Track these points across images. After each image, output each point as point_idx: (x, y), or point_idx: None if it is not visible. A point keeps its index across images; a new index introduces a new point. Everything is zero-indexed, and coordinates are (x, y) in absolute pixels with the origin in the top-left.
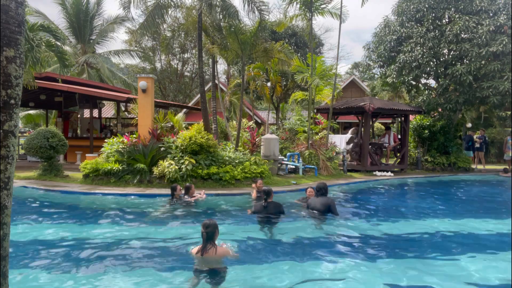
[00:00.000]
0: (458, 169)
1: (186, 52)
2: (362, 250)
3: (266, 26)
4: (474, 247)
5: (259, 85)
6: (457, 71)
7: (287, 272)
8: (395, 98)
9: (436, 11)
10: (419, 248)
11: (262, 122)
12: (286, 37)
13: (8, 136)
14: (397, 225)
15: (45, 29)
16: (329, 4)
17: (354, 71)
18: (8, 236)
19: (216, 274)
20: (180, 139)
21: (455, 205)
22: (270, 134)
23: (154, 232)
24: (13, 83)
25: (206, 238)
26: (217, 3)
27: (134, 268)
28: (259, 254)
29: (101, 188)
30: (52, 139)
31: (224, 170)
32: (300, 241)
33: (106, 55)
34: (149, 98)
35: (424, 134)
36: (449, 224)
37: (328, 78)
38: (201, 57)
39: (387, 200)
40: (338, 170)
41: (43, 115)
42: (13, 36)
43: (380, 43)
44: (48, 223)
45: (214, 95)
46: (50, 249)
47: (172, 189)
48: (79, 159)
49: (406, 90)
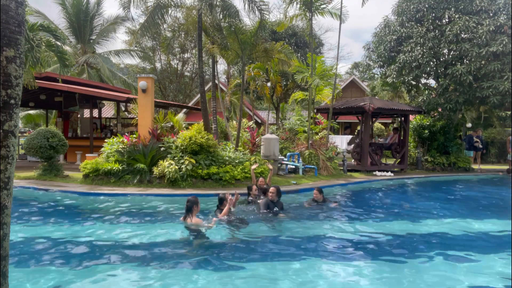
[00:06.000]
0: (458, 169)
1: (186, 52)
2: (362, 250)
3: (266, 26)
4: (474, 247)
5: (259, 85)
6: (457, 71)
7: (283, 272)
8: (395, 98)
9: (436, 11)
10: (419, 248)
11: (262, 122)
12: (286, 37)
13: (8, 136)
14: (397, 225)
15: (45, 29)
16: (329, 4)
17: (354, 71)
18: (8, 236)
19: (195, 234)
20: (180, 139)
21: (455, 204)
22: (270, 134)
23: (154, 231)
24: (13, 83)
25: (186, 209)
26: (218, 3)
27: (134, 268)
28: (257, 253)
29: (101, 188)
30: (52, 139)
31: (224, 170)
32: (299, 241)
33: (106, 55)
34: (149, 98)
35: (424, 134)
36: (449, 224)
37: (328, 78)
38: (201, 57)
39: (387, 200)
40: (338, 170)
41: (43, 115)
42: (13, 36)
43: (380, 43)
44: (48, 223)
45: (214, 95)
46: (50, 249)
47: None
48: (79, 159)
49: (406, 90)
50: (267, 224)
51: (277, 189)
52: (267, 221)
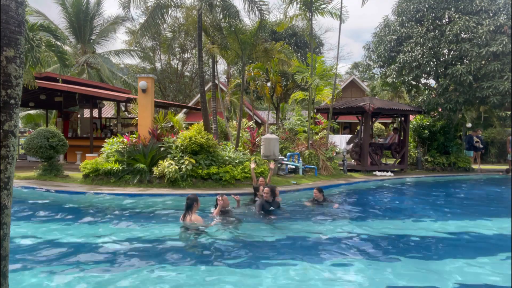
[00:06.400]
0: (458, 169)
1: (186, 52)
2: (361, 250)
3: (266, 26)
4: (474, 246)
5: (259, 85)
6: (457, 71)
7: (284, 271)
8: (395, 98)
9: (436, 11)
10: (419, 248)
11: (262, 122)
12: (286, 37)
13: (8, 136)
14: (396, 225)
15: (45, 29)
16: (329, 4)
17: (354, 71)
18: (8, 236)
19: (194, 234)
20: (180, 139)
21: (455, 204)
22: (270, 134)
23: (154, 231)
24: (13, 83)
25: (186, 207)
26: (218, 3)
27: (133, 268)
28: (257, 252)
29: (101, 188)
30: (52, 139)
31: (224, 170)
32: (299, 241)
33: (106, 55)
34: (149, 98)
35: (424, 134)
36: (449, 224)
37: (328, 78)
38: (201, 57)
39: (387, 200)
40: (338, 170)
41: (43, 115)
42: (13, 36)
43: (380, 43)
44: (48, 223)
45: (214, 95)
46: (50, 249)
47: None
48: (79, 159)
49: (406, 90)
50: (262, 224)
51: (271, 189)
52: (262, 222)
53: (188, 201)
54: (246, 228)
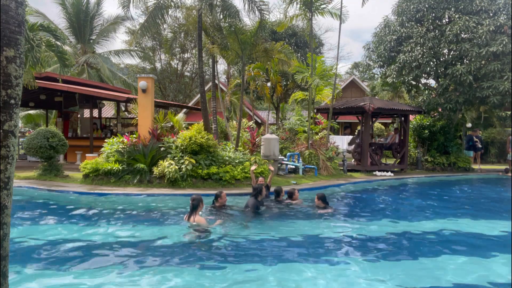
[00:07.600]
0: (458, 169)
1: (186, 52)
2: (361, 250)
3: (266, 26)
4: (473, 246)
5: (259, 85)
6: (457, 71)
7: (288, 271)
8: (395, 98)
9: (436, 11)
10: (418, 248)
11: (262, 122)
12: (286, 37)
13: (8, 136)
14: (396, 225)
15: (45, 29)
16: (329, 4)
17: (354, 71)
18: (8, 236)
19: (197, 234)
20: (180, 139)
21: (455, 204)
22: (270, 134)
23: (154, 231)
24: (13, 83)
25: (192, 208)
26: (218, 3)
27: (133, 268)
28: (259, 253)
29: (101, 188)
30: (52, 139)
31: (224, 170)
32: (299, 241)
33: (106, 55)
34: (149, 98)
35: (424, 134)
36: (449, 224)
37: (328, 78)
38: (201, 57)
39: (386, 200)
40: (338, 170)
41: (43, 115)
42: (13, 36)
43: (380, 43)
44: (48, 223)
45: (214, 95)
46: (50, 249)
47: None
48: (79, 159)
49: (406, 90)
50: (262, 225)
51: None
52: (263, 222)
53: (194, 202)
54: (248, 229)
